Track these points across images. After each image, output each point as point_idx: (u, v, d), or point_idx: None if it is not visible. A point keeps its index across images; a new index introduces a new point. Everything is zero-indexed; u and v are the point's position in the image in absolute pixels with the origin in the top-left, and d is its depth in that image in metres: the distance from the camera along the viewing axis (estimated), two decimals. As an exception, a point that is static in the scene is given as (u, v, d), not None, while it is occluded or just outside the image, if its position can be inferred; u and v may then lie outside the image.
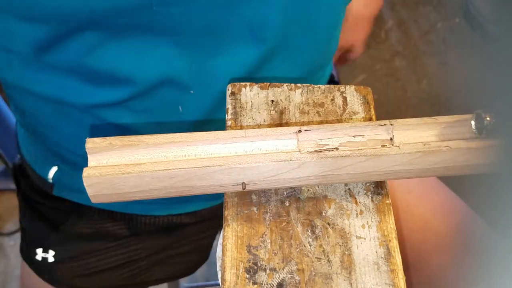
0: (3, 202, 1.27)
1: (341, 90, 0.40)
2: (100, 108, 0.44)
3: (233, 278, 0.32)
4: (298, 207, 0.35)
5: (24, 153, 0.59)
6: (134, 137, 0.33)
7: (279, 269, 0.32)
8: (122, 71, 0.41)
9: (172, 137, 0.33)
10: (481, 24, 1.50)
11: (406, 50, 1.52)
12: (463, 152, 0.33)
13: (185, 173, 0.32)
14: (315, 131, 0.33)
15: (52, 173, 0.55)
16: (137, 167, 0.32)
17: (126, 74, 0.41)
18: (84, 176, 0.31)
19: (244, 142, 0.33)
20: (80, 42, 0.38)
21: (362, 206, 0.35)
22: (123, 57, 0.40)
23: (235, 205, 0.35)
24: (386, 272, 0.32)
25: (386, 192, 0.36)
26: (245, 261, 0.33)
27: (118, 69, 0.40)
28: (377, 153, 0.32)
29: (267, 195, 0.35)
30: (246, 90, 0.40)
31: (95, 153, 0.32)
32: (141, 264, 0.60)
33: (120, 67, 0.40)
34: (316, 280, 0.32)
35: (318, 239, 0.34)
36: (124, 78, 0.41)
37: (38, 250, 0.58)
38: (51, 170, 0.55)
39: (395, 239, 0.34)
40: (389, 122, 0.34)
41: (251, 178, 0.32)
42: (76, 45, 0.38)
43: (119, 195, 0.32)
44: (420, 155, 0.33)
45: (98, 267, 0.58)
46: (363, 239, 0.34)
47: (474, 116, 0.33)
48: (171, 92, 0.43)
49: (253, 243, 0.33)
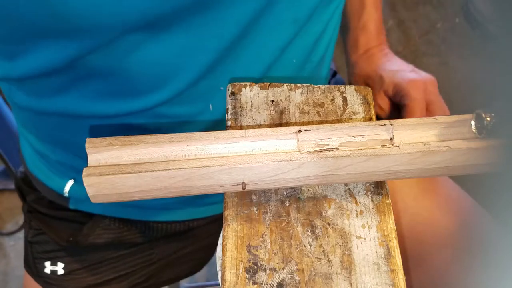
0: (3, 202, 1.27)
1: (341, 90, 0.40)
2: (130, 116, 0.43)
3: (233, 278, 0.32)
4: (298, 207, 0.35)
5: (31, 167, 0.58)
6: (134, 137, 0.33)
7: (279, 269, 0.32)
8: (165, 68, 0.39)
9: (172, 137, 0.33)
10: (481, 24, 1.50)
11: (406, 50, 1.52)
12: (463, 152, 0.33)
13: (185, 173, 0.32)
14: (315, 131, 0.33)
15: (69, 187, 0.54)
16: (137, 167, 0.32)
17: (168, 71, 0.39)
18: (84, 176, 0.31)
19: (244, 142, 0.33)
20: (122, 44, 0.36)
21: (362, 206, 0.35)
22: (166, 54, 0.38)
23: (235, 205, 0.35)
24: (386, 272, 0.32)
25: (386, 192, 0.36)
26: (245, 261, 0.33)
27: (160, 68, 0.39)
28: (377, 153, 0.32)
29: (267, 195, 0.35)
30: (246, 90, 0.40)
31: (95, 153, 0.32)
32: (152, 268, 0.60)
33: (164, 62, 0.39)
34: (316, 280, 0.32)
35: (318, 239, 0.34)
36: (164, 77, 0.40)
37: (46, 263, 0.57)
38: (68, 183, 0.54)
39: (395, 239, 0.33)
40: (389, 122, 0.34)
41: (251, 178, 0.32)
42: (118, 47, 0.36)
43: (119, 195, 0.32)
44: (420, 155, 0.33)
45: (110, 275, 0.58)
46: (363, 239, 0.34)
47: (474, 116, 0.33)
48: (205, 89, 0.42)
49: (253, 243, 0.33)
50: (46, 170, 0.56)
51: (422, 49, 1.51)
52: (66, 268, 0.57)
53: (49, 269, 0.57)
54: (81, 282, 0.57)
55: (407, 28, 1.57)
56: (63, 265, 0.57)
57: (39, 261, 0.58)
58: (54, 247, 0.58)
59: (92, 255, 0.57)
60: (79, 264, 0.57)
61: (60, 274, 0.57)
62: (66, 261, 0.57)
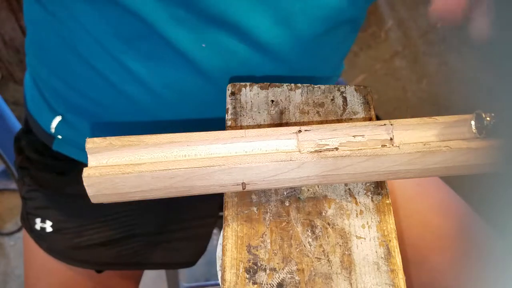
0: (3, 202, 1.27)
1: (341, 90, 0.40)
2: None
3: (233, 278, 0.32)
4: (298, 207, 0.35)
5: (29, 102, 0.58)
6: (134, 137, 0.33)
7: (279, 269, 0.32)
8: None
9: (172, 137, 0.33)
10: (481, 24, 1.49)
11: (406, 50, 1.52)
12: (463, 152, 0.33)
13: (185, 173, 0.32)
14: (315, 131, 0.33)
15: (55, 123, 0.54)
16: (137, 167, 0.32)
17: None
18: (84, 176, 0.31)
19: (244, 142, 0.33)
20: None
21: (362, 206, 0.35)
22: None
23: (235, 205, 0.35)
24: (386, 272, 0.32)
25: (386, 192, 0.36)
26: (245, 261, 0.33)
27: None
28: (377, 153, 0.32)
29: (267, 195, 0.35)
30: (246, 90, 0.40)
31: (95, 153, 0.32)
32: (138, 244, 0.60)
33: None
34: (316, 280, 0.32)
35: (318, 239, 0.34)
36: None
37: (37, 219, 0.58)
38: (55, 120, 0.54)
39: (395, 239, 0.34)
40: (389, 122, 0.34)
41: (251, 178, 0.32)
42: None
43: (120, 195, 0.32)
44: (420, 155, 0.33)
45: (95, 240, 0.58)
46: (363, 239, 0.34)
47: (474, 116, 0.33)
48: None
49: (253, 243, 0.33)
50: (39, 102, 0.56)
51: (422, 49, 1.51)
52: (54, 226, 0.58)
53: (39, 226, 0.58)
54: (69, 243, 0.58)
55: (407, 28, 1.57)
56: (51, 223, 0.58)
57: (31, 217, 0.59)
58: (44, 203, 0.58)
59: (81, 214, 0.58)
60: (67, 223, 0.58)
61: (49, 231, 0.58)
62: (55, 219, 0.58)
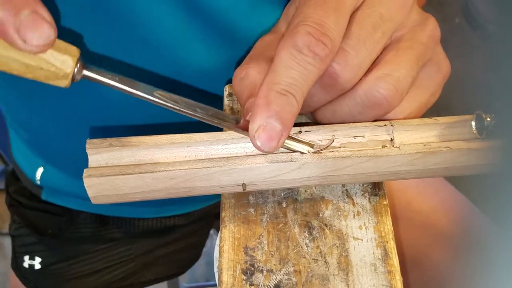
0: (3, 202, 1.26)
1: (341, 90, 0.40)
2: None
3: (230, 280, 0.32)
4: (295, 208, 0.35)
5: (15, 152, 0.57)
6: (134, 138, 0.33)
7: (276, 270, 0.32)
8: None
9: (172, 138, 0.33)
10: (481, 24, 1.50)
11: (406, 50, 1.52)
12: (463, 152, 0.33)
13: (185, 174, 0.32)
14: (316, 132, 0.33)
15: (39, 174, 0.53)
16: (138, 168, 0.32)
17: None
18: (85, 177, 0.31)
19: (244, 143, 0.33)
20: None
21: (359, 207, 0.35)
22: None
23: (232, 207, 0.35)
24: (383, 273, 0.32)
25: (383, 193, 0.36)
26: (242, 263, 0.33)
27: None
28: (378, 154, 0.32)
29: (264, 196, 0.35)
30: (246, 91, 0.40)
31: (95, 154, 0.32)
32: (131, 266, 0.60)
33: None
34: (313, 282, 0.32)
35: (315, 240, 0.33)
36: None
37: (25, 257, 0.57)
38: (38, 170, 0.53)
39: (392, 240, 0.33)
40: (390, 122, 0.34)
41: (251, 179, 0.32)
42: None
43: (120, 196, 0.32)
44: (420, 156, 0.33)
45: (86, 271, 0.57)
46: (360, 240, 0.33)
47: (475, 116, 0.33)
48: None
49: (250, 244, 0.33)
50: (24, 154, 0.55)
51: (422, 49, 1.51)
52: (43, 262, 0.57)
53: (27, 263, 0.57)
54: (58, 277, 0.57)
55: (408, 28, 1.56)
56: (40, 260, 0.57)
57: (19, 255, 0.58)
58: (33, 240, 0.57)
59: (70, 249, 0.57)
60: (56, 258, 0.57)
61: (37, 268, 0.57)
62: (44, 255, 0.57)
